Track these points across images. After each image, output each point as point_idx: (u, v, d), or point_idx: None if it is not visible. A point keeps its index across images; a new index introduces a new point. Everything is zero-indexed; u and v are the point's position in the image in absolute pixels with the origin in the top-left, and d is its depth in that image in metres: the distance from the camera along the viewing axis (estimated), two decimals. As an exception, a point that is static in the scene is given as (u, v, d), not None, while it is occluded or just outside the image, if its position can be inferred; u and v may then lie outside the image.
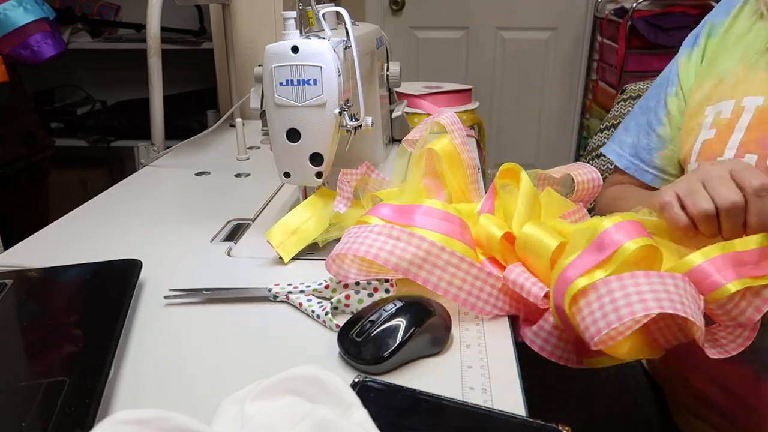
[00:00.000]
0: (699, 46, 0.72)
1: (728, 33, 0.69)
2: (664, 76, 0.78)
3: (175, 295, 0.55)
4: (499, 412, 0.40)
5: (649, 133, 0.76)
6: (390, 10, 2.41)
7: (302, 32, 0.61)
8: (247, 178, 0.92)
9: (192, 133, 1.00)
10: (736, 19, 0.69)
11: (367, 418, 0.35)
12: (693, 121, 0.69)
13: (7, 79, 1.18)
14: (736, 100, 0.64)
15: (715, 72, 0.68)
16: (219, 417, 0.37)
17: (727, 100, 0.65)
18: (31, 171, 1.53)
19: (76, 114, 1.92)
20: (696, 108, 0.69)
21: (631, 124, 0.80)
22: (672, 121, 0.74)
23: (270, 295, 0.55)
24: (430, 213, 0.57)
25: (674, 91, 0.74)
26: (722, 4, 0.72)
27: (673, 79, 0.75)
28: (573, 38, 2.38)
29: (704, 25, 0.73)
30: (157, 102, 0.99)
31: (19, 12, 1.21)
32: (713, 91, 0.67)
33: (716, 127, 0.65)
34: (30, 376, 0.43)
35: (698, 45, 0.73)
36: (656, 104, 0.77)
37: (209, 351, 0.49)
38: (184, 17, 1.88)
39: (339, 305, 0.54)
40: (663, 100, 0.75)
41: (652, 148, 0.76)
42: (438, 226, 0.56)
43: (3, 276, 0.57)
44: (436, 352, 0.48)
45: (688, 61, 0.73)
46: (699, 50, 0.72)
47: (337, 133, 0.63)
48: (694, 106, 0.70)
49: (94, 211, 0.78)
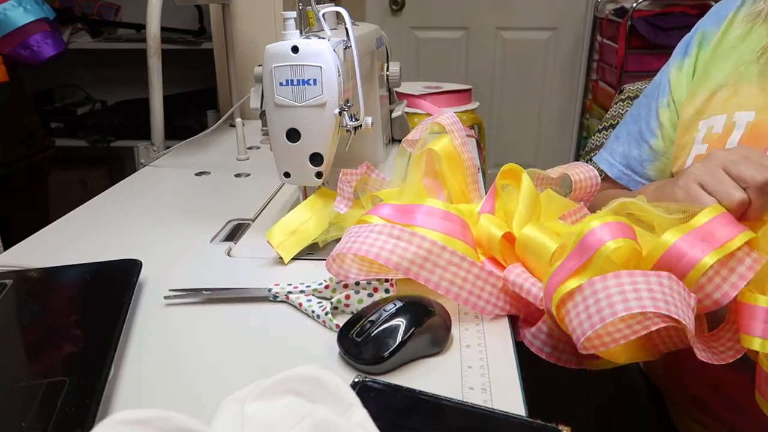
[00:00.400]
0: (690, 56, 0.71)
1: (720, 44, 0.68)
2: (655, 84, 0.76)
3: (175, 296, 0.55)
4: (499, 412, 0.40)
5: (641, 144, 0.75)
6: (390, 10, 2.41)
7: (302, 32, 0.61)
8: (247, 178, 0.92)
9: (192, 133, 1.00)
10: (728, 29, 0.68)
11: (367, 418, 0.35)
12: (686, 135, 0.68)
13: (7, 79, 1.18)
14: (728, 115, 0.63)
15: (707, 84, 0.67)
16: (219, 417, 0.37)
17: (719, 114, 0.64)
18: (31, 171, 1.53)
19: (76, 114, 1.91)
20: (689, 122, 0.68)
21: (623, 132, 0.79)
22: (665, 134, 0.73)
23: (270, 295, 0.55)
24: (432, 212, 0.57)
25: (666, 102, 0.73)
26: (713, 13, 0.71)
27: (664, 89, 0.74)
28: (573, 38, 2.38)
29: (695, 33, 0.72)
30: (157, 102, 0.99)
31: (19, 12, 1.21)
32: (705, 105, 0.67)
33: (708, 143, 0.64)
34: (30, 376, 0.43)
35: (689, 55, 0.71)
36: (647, 114, 0.76)
37: (209, 351, 0.49)
38: (184, 17, 1.88)
39: (339, 305, 0.54)
40: (655, 110, 0.74)
41: (644, 159, 0.75)
42: (439, 226, 0.56)
43: (3, 276, 0.57)
44: (436, 352, 0.48)
45: (679, 72, 0.72)
46: (690, 61, 0.71)
47: (337, 133, 0.63)
48: (687, 119, 0.69)
49: (94, 211, 0.78)
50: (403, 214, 0.58)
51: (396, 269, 0.51)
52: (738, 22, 0.67)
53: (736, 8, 0.68)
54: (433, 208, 0.57)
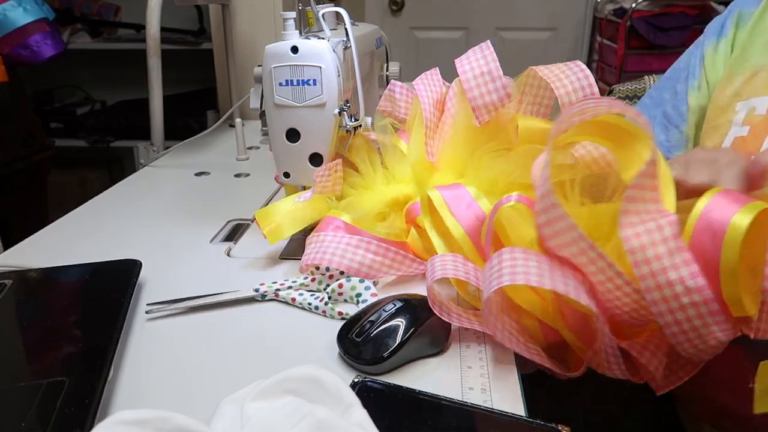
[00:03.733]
0: (727, 37, 0.68)
1: (758, 24, 0.65)
2: (681, 67, 0.74)
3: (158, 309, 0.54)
4: (499, 412, 0.40)
5: (668, 128, 0.72)
6: (389, 10, 2.41)
7: (302, 32, 0.61)
8: (247, 178, 0.92)
9: (192, 133, 1.00)
10: (766, 9, 0.65)
11: (366, 418, 0.35)
12: (722, 116, 0.65)
13: (6, 80, 1.18)
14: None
15: (746, 65, 0.65)
16: (218, 417, 0.37)
17: (761, 96, 0.62)
18: (31, 171, 1.53)
19: (75, 114, 1.91)
20: (726, 103, 0.65)
21: None
22: (692, 119, 0.71)
23: (258, 294, 0.55)
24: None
25: (696, 85, 0.70)
26: None
27: (693, 71, 0.71)
28: (572, 38, 2.38)
29: (731, 13, 0.70)
30: (157, 102, 0.99)
31: (19, 12, 1.21)
32: (744, 87, 0.64)
33: (750, 125, 0.61)
34: (30, 377, 0.43)
35: (726, 36, 0.69)
36: (673, 97, 0.73)
37: (209, 351, 0.49)
38: (183, 17, 1.88)
39: (333, 294, 0.54)
40: (684, 93, 0.71)
41: (672, 146, 0.72)
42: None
43: (3, 276, 0.56)
44: (435, 352, 0.48)
45: (714, 53, 0.69)
46: (727, 42, 0.68)
47: (336, 133, 0.63)
48: (723, 100, 0.66)
49: (93, 212, 0.78)
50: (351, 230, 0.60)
51: (348, 270, 0.56)
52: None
53: None
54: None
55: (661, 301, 0.39)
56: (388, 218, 0.64)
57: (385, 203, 0.64)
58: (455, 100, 0.67)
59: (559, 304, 0.48)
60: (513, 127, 0.63)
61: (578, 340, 0.48)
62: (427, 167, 0.65)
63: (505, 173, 0.59)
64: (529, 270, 0.42)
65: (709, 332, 0.40)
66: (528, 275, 0.41)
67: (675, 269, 0.39)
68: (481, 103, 0.61)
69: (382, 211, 0.64)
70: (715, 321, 0.40)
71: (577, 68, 0.60)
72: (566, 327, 0.48)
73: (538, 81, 0.65)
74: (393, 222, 0.63)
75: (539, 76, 0.63)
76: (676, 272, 0.39)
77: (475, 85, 0.61)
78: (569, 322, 0.48)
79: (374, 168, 0.67)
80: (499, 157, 0.61)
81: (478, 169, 0.61)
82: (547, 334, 0.50)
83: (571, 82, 0.59)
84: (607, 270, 0.41)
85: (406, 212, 0.62)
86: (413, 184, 0.66)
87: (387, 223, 0.63)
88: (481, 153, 0.63)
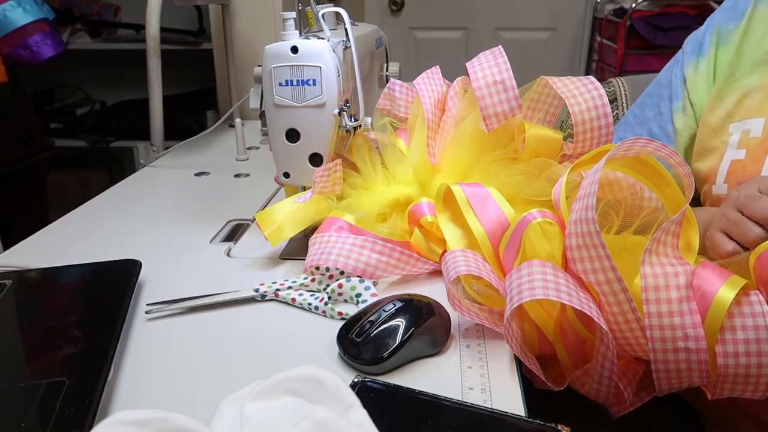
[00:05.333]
0: (707, 56, 0.67)
1: (744, 43, 0.64)
2: (663, 84, 0.73)
3: (158, 309, 0.54)
4: (499, 412, 0.40)
5: None
6: (389, 10, 2.41)
7: (301, 32, 0.61)
8: (247, 179, 0.92)
9: (191, 133, 1.00)
10: (749, 27, 0.64)
11: (366, 418, 0.35)
12: (716, 138, 0.64)
13: (6, 80, 1.18)
14: (766, 118, 0.60)
15: (736, 85, 0.64)
16: (218, 417, 0.37)
17: (755, 117, 0.61)
18: (31, 171, 1.53)
19: (75, 114, 1.91)
20: (718, 125, 0.65)
21: (628, 136, 0.74)
22: (680, 141, 0.70)
23: (258, 295, 0.55)
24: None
25: (680, 107, 0.69)
26: (727, 8, 0.68)
27: (677, 92, 0.70)
28: (572, 38, 2.38)
29: (709, 31, 0.68)
30: (157, 102, 0.99)
31: (19, 12, 1.21)
32: (737, 108, 0.63)
33: (746, 148, 0.61)
34: (29, 377, 0.43)
35: (705, 55, 0.67)
36: (657, 117, 0.72)
37: (208, 351, 0.49)
38: (183, 17, 1.88)
39: (333, 294, 0.54)
40: (668, 114, 0.71)
41: None
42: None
43: (3, 276, 0.56)
44: (435, 352, 0.48)
45: (696, 73, 0.68)
46: (708, 61, 0.67)
47: (336, 133, 0.63)
48: (715, 122, 0.65)
49: (93, 212, 0.78)
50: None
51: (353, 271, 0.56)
52: (758, 19, 0.64)
53: (753, 4, 0.65)
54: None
55: (659, 339, 0.43)
56: (389, 219, 0.64)
57: (385, 204, 0.64)
58: (456, 99, 0.67)
59: (561, 320, 0.49)
60: (519, 133, 0.63)
61: (569, 359, 0.50)
62: (429, 168, 0.65)
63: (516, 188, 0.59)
64: (560, 287, 0.44)
65: (689, 377, 0.44)
66: (559, 292, 0.43)
67: (681, 315, 0.42)
68: (492, 113, 0.61)
69: (382, 211, 0.64)
70: (698, 369, 0.43)
71: (592, 85, 0.61)
72: (561, 343, 0.50)
73: (548, 90, 0.65)
74: (394, 223, 0.63)
75: (550, 87, 0.63)
76: (681, 318, 0.42)
77: (488, 93, 0.61)
78: (566, 340, 0.50)
79: (374, 168, 0.67)
80: (506, 168, 0.62)
81: (487, 177, 0.61)
82: (542, 345, 0.51)
83: (585, 100, 0.60)
84: (624, 304, 0.43)
85: (409, 213, 0.62)
86: (414, 185, 0.66)
87: (388, 223, 0.63)
88: (487, 161, 0.63)
